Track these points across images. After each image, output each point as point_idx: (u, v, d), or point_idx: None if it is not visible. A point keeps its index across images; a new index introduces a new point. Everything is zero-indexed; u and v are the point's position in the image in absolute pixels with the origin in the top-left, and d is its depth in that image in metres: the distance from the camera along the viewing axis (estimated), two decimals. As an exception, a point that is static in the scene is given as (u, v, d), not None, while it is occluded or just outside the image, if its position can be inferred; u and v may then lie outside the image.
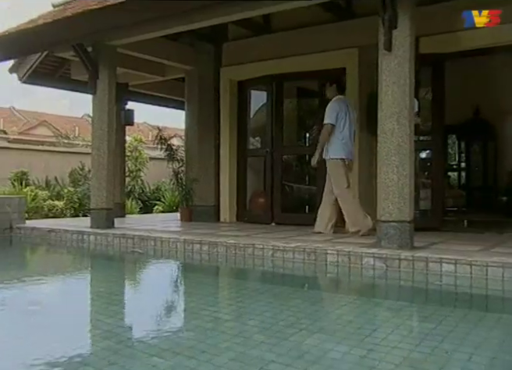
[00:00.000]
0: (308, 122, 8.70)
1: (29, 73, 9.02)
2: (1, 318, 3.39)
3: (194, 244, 5.62)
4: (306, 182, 8.44)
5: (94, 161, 6.96)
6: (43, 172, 13.13)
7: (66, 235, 6.82)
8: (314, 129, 8.34)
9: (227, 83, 8.20)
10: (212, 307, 3.72)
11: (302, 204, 8.19)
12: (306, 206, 8.14)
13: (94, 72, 6.85)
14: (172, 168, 8.49)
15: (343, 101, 6.13)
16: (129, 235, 6.19)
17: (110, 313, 3.49)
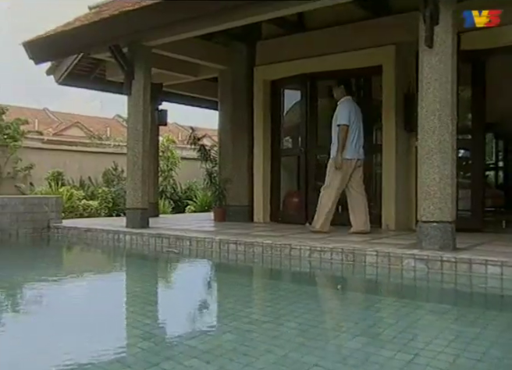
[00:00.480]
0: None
1: (65, 75, 9.16)
2: (40, 317, 3.41)
3: (230, 244, 5.60)
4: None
5: (129, 161, 7.00)
6: (77, 173, 13.32)
7: (102, 234, 6.88)
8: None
9: (260, 83, 8.16)
10: (250, 308, 3.68)
11: (339, 204, 8.06)
12: (340, 206, 8.02)
13: (130, 73, 6.90)
14: (205, 169, 8.50)
15: (351, 102, 6.28)
16: (165, 235, 6.21)
17: (148, 313, 3.49)
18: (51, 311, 3.57)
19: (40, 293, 4.27)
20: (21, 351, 2.65)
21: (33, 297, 4.18)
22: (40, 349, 2.68)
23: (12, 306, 3.89)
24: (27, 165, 12.58)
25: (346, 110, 6.14)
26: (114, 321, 3.27)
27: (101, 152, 14.87)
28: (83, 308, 3.61)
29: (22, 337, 2.85)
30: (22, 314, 3.57)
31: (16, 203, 7.30)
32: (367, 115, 7.34)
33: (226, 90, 8.58)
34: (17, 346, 2.74)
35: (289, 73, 7.78)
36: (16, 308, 3.82)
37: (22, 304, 3.94)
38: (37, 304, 3.88)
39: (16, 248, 7.12)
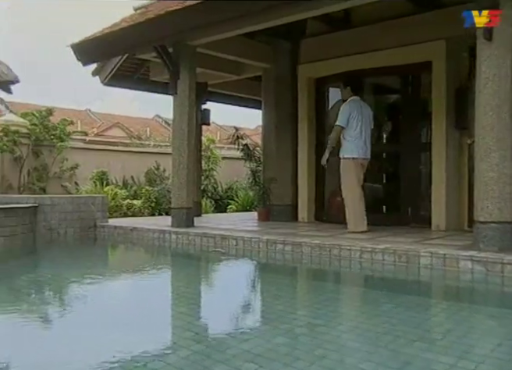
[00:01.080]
0: (388, 120, 8.39)
1: (110, 76, 9.27)
2: (88, 315, 3.42)
3: (277, 244, 5.53)
4: (386, 181, 8.15)
5: (174, 160, 7.02)
6: (120, 172, 13.51)
7: (148, 233, 6.92)
8: (388, 126, 8.13)
9: (305, 81, 8.06)
10: (301, 310, 3.61)
11: (382, 203, 7.92)
12: (386, 206, 7.87)
13: (175, 73, 6.91)
14: (249, 168, 8.46)
15: (356, 103, 6.37)
16: (211, 234, 6.19)
17: (196, 314, 3.47)
18: (99, 310, 3.57)
19: (88, 292, 4.31)
20: (72, 349, 2.66)
21: (81, 295, 4.22)
22: (89, 347, 2.68)
23: (62, 304, 3.96)
24: (73, 164, 12.83)
25: (347, 112, 6.26)
26: (163, 322, 3.25)
27: (143, 152, 15.04)
28: (131, 308, 3.62)
29: (73, 335, 2.88)
30: (71, 312, 3.61)
31: (64, 202, 7.42)
32: (414, 113, 7.21)
33: (270, 89, 8.51)
34: (68, 344, 2.75)
35: (335, 71, 7.64)
36: (65, 306, 3.87)
37: (71, 302, 3.98)
38: (85, 303, 3.90)
39: (64, 247, 7.24)
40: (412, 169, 7.23)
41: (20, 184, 12.18)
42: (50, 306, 3.89)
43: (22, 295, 4.26)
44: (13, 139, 11.66)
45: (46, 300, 4.14)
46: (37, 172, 12.40)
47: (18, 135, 11.73)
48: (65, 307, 3.85)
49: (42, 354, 2.61)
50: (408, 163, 7.26)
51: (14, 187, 12.12)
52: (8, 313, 3.53)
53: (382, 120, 8.47)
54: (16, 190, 12.10)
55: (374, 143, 6.62)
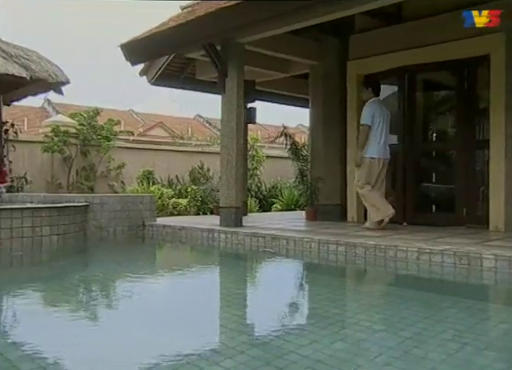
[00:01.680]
0: (439, 117, 8.14)
1: (157, 75, 9.32)
2: (139, 315, 3.39)
3: (330, 245, 5.40)
4: (440, 180, 7.88)
5: (222, 159, 6.98)
6: (165, 171, 13.62)
7: (197, 233, 6.89)
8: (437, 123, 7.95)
9: (354, 78, 7.88)
10: (359, 314, 3.46)
11: (434, 203, 7.68)
12: (439, 206, 7.62)
13: (223, 71, 6.87)
14: (297, 167, 8.34)
15: (377, 103, 6.53)
16: (261, 234, 6.11)
17: (251, 317, 3.39)
18: (149, 310, 3.53)
19: (139, 291, 4.30)
20: (123, 349, 2.66)
21: (133, 294, 4.20)
22: (140, 349, 2.64)
23: (114, 304, 3.94)
24: (119, 164, 13.01)
25: (370, 112, 6.38)
26: (215, 324, 3.18)
27: (187, 151, 15.12)
28: (183, 308, 3.55)
29: (123, 336, 2.88)
30: (123, 312, 3.57)
31: (113, 201, 7.48)
32: (469, 109, 6.94)
33: (318, 87, 8.38)
34: (119, 344, 2.75)
35: (385, 67, 7.45)
36: (117, 306, 3.85)
37: (122, 302, 3.94)
38: (136, 302, 3.87)
39: (114, 245, 7.30)
40: (467, 168, 6.96)
41: (69, 183, 12.43)
42: (103, 305, 3.88)
43: (76, 293, 4.28)
44: (63, 139, 11.90)
45: (99, 299, 4.15)
46: (85, 171, 12.63)
47: (67, 135, 11.96)
48: (117, 306, 3.83)
49: (94, 353, 2.59)
50: (462, 161, 7.00)
51: (63, 186, 12.38)
52: (66, 312, 3.54)
53: (432, 117, 8.24)
54: (65, 189, 12.35)
55: (423, 141, 6.43)
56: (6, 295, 4.17)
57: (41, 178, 11.85)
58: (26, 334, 2.95)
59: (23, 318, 3.33)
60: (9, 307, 3.79)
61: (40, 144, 12.10)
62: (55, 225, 6.14)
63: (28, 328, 3.07)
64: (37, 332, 2.99)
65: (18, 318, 3.40)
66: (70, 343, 2.73)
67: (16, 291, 4.31)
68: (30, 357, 2.49)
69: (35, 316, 3.37)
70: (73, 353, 2.56)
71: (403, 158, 7.40)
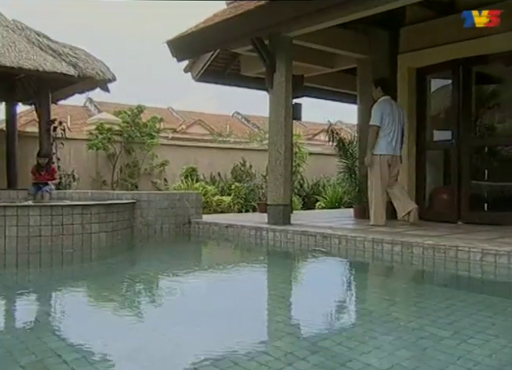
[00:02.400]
0: (496, 111, 7.79)
1: (202, 72, 9.26)
2: (188, 312, 3.32)
3: (384, 244, 5.20)
4: (498, 177, 7.53)
5: (270, 156, 6.85)
6: (207, 169, 13.61)
7: (244, 231, 6.78)
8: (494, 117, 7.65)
9: (405, 71, 7.63)
10: (421, 319, 3.26)
11: (495, 201, 7.36)
12: (500, 204, 7.27)
13: (271, 66, 6.73)
14: (345, 164, 8.15)
15: (387, 102, 6.60)
16: (311, 232, 5.95)
17: (307, 320, 3.20)
18: (199, 309, 3.42)
19: (190, 290, 4.22)
20: (174, 343, 2.65)
21: (181, 291, 4.14)
22: (190, 345, 2.62)
23: (162, 300, 3.89)
24: (162, 161, 13.06)
25: (379, 111, 6.49)
26: (269, 328, 3.06)
27: (229, 148, 15.08)
28: (234, 309, 3.42)
29: (174, 335, 2.81)
30: (174, 310, 3.48)
31: (160, 198, 7.45)
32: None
33: (366, 81, 8.10)
34: (172, 342, 2.69)
35: (439, 59, 7.17)
36: (165, 302, 3.80)
37: (173, 300, 3.84)
38: (185, 299, 3.81)
39: (162, 243, 7.28)
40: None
41: (113, 181, 12.55)
42: (153, 303, 3.81)
43: (127, 291, 4.23)
44: (107, 136, 12.01)
45: (150, 296, 4.08)
46: (129, 168, 12.73)
47: (111, 133, 12.07)
48: (166, 304, 3.74)
49: (141, 347, 2.58)
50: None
51: (108, 184, 12.50)
52: (118, 308, 3.49)
53: (489, 111, 7.89)
54: (109, 186, 12.48)
55: (479, 136, 6.11)
56: (60, 292, 4.15)
57: (86, 175, 12.00)
58: (77, 328, 2.96)
59: (75, 314, 3.33)
60: (62, 303, 3.78)
61: (85, 141, 12.25)
62: (104, 223, 6.12)
63: (79, 323, 3.08)
64: (88, 326, 3.00)
65: (70, 313, 3.38)
66: (118, 338, 2.76)
67: (69, 288, 4.30)
68: (81, 351, 2.49)
69: (86, 312, 3.37)
70: (119, 348, 2.58)
71: (457, 154, 7.11)
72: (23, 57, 7.95)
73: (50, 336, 2.77)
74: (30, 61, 7.97)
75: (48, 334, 2.81)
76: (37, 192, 8.06)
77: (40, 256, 5.59)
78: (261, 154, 14.61)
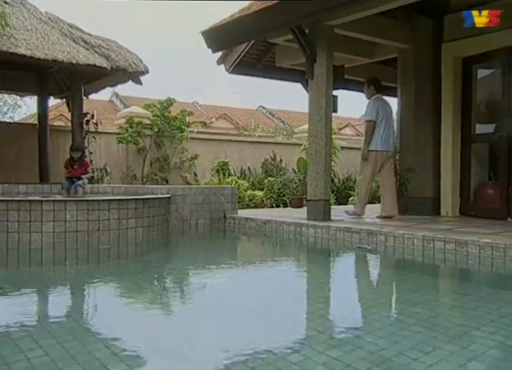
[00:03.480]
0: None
1: (236, 64, 9.04)
2: (228, 314, 3.15)
3: (436, 242, 4.93)
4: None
5: (310, 149, 6.61)
6: (237, 163, 13.41)
7: (282, 226, 6.57)
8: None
9: (450, 61, 7.30)
10: (486, 326, 2.99)
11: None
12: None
13: (312, 56, 6.48)
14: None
15: (380, 100, 6.91)
16: (355, 229, 5.70)
17: (358, 326, 2.99)
18: (240, 309, 3.27)
19: (230, 288, 4.09)
20: (215, 339, 2.61)
21: (221, 288, 3.99)
22: (232, 342, 2.59)
23: (202, 297, 3.70)
24: (192, 155, 12.91)
25: (374, 108, 6.76)
26: (318, 333, 2.80)
27: (259, 142, 14.87)
28: (280, 314, 3.21)
29: (216, 333, 2.74)
30: (214, 307, 3.30)
31: (195, 193, 7.28)
32: None
33: (407, 72, 7.82)
34: (213, 338, 2.66)
35: (486, 48, 6.83)
36: (205, 299, 3.61)
37: (210, 295, 3.73)
38: (224, 297, 3.70)
39: (198, 238, 7.12)
40: None
41: (143, 175, 12.44)
42: (195, 300, 3.61)
43: (169, 289, 4.05)
44: (137, 130, 11.89)
45: (192, 294, 3.87)
46: (159, 162, 12.60)
47: (141, 126, 11.94)
48: (206, 301, 3.55)
49: (188, 346, 2.53)
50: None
51: (138, 178, 12.40)
52: (158, 306, 3.31)
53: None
54: (139, 180, 12.38)
55: None
56: (100, 292, 4.00)
57: (116, 169, 11.90)
58: (115, 324, 2.93)
59: (114, 310, 3.24)
60: (101, 300, 3.61)
61: (115, 135, 12.16)
62: (141, 218, 5.97)
63: (118, 319, 3.04)
64: (125, 323, 2.95)
65: (109, 309, 3.23)
66: (155, 334, 2.71)
67: (109, 288, 4.15)
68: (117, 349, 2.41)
69: (127, 310, 3.25)
70: (155, 344, 2.54)
71: (508, 147, 6.76)
72: (57, 49, 7.84)
73: (96, 343, 2.58)
74: (64, 53, 7.86)
75: (93, 340, 2.65)
76: (70, 186, 7.96)
77: (77, 252, 5.46)
78: (290, 148, 14.36)
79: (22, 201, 5.44)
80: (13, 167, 10.53)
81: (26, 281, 4.32)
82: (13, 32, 7.65)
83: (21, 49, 7.42)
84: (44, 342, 2.49)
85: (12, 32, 7.61)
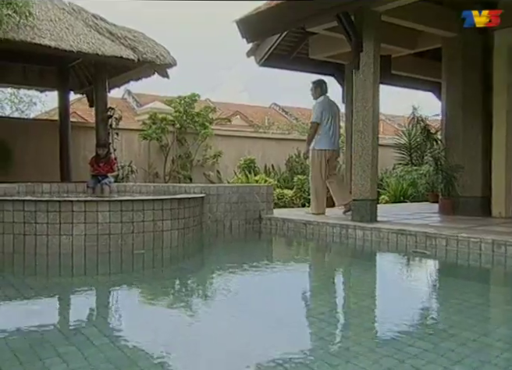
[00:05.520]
0: None
1: (267, 56, 8.59)
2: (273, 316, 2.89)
3: (508, 247, 4.45)
4: None
5: (356, 145, 6.15)
6: (261, 160, 12.97)
7: (326, 228, 6.10)
8: None
9: (503, 50, 6.80)
10: None
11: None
12: None
13: (358, 44, 6.01)
14: (430, 154, 7.38)
15: (326, 101, 7.06)
16: (409, 231, 5.23)
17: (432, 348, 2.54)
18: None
19: (277, 293, 3.72)
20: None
21: (270, 296, 3.62)
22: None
23: (251, 305, 3.21)
24: (215, 152, 12.49)
25: (320, 109, 6.95)
26: None
27: (282, 139, 14.43)
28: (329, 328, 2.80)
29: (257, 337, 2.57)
30: (255, 311, 2.89)
31: (229, 192, 6.84)
32: None
33: (455, 63, 7.32)
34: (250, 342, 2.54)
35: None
36: (251, 306, 3.13)
37: (256, 302, 3.28)
38: (271, 303, 3.40)
39: (236, 241, 6.68)
40: None
41: (165, 173, 12.04)
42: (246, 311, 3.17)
43: (218, 305, 3.59)
44: (161, 126, 11.48)
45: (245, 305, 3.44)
46: (181, 160, 12.19)
47: (166, 122, 11.53)
48: (252, 308, 3.18)
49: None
50: None
51: (160, 176, 12.00)
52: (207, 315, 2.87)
53: None
54: (161, 178, 11.97)
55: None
56: (142, 307, 3.58)
57: (138, 167, 11.50)
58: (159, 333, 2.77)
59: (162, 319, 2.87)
60: (145, 310, 3.17)
61: (137, 131, 11.77)
62: (176, 219, 5.53)
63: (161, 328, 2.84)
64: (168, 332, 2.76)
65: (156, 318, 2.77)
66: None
67: (149, 302, 3.73)
68: None
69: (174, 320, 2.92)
70: None
71: None
72: (82, 40, 7.41)
73: None
74: (89, 44, 7.43)
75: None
76: (96, 185, 7.54)
77: (110, 257, 5.04)
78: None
79: (51, 202, 5.03)
80: (33, 165, 10.16)
81: (58, 293, 3.89)
82: (37, 22, 7.24)
83: (45, 40, 7.01)
84: None
85: (35, 22, 7.20)
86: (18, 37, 6.88)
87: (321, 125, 6.90)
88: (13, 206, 5.02)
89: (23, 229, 4.97)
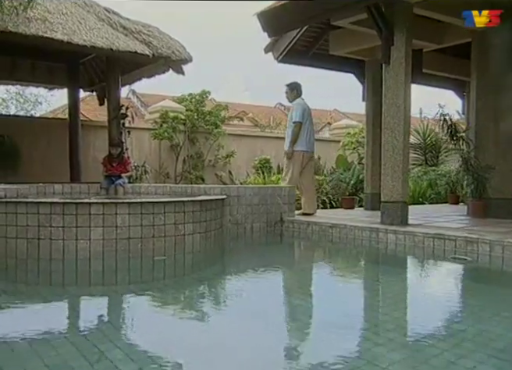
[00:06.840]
0: None
1: (286, 52, 8.26)
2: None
3: (562, 254, 4.13)
4: None
5: (386, 144, 5.82)
6: (274, 160, 12.64)
7: (354, 232, 5.78)
8: None
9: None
10: None
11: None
12: None
13: (389, 38, 5.70)
14: (458, 153, 7.05)
15: (303, 102, 7.06)
16: (449, 235, 4.91)
17: None
18: None
19: (303, 303, 3.38)
20: None
21: (300, 306, 3.20)
22: None
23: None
24: (227, 152, 12.18)
25: (301, 109, 6.91)
26: None
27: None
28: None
29: None
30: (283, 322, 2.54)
31: (250, 193, 6.52)
32: None
33: (485, 59, 7.00)
34: None
35: None
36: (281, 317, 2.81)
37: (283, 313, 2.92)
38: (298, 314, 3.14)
39: (258, 246, 6.35)
40: None
41: (177, 173, 11.74)
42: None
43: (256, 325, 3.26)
44: (172, 125, 11.17)
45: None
46: (193, 160, 11.89)
47: (177, 121, 11.22)
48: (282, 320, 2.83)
49: None
50: None
51: (171, 176, 11.70)
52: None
53: None
54: (172, 179, 11.67)
55: None
56: (169, 326, 3.26)
57: (149, 167, 11.19)
58: None
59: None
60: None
61: (147, 130, 11.47)
62: (198, 222, 5.22)
63: None
64: None
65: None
66: None
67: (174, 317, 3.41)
68: None
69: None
70: None
71: None
72: (95, 34, 7.10)
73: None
74: (103, 39, 7.11)
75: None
76: (109, 186, 7.23)
77: (129, 263, 4.73)
78: (325, 145, 13.56)
79: (67, 204, 4.72)
80: (42, 165, 9.86)
81: (74, 307, 3.58)
82: (47, 15, 6.93)
83: (58, 34, 6.69)
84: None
85: (46, 15, 6.89)
86: (29, 30, 6.57)
87: (302, 126, 6.88)
88: (27, 208, 4.71)
89: (37, 233, 4.67)
